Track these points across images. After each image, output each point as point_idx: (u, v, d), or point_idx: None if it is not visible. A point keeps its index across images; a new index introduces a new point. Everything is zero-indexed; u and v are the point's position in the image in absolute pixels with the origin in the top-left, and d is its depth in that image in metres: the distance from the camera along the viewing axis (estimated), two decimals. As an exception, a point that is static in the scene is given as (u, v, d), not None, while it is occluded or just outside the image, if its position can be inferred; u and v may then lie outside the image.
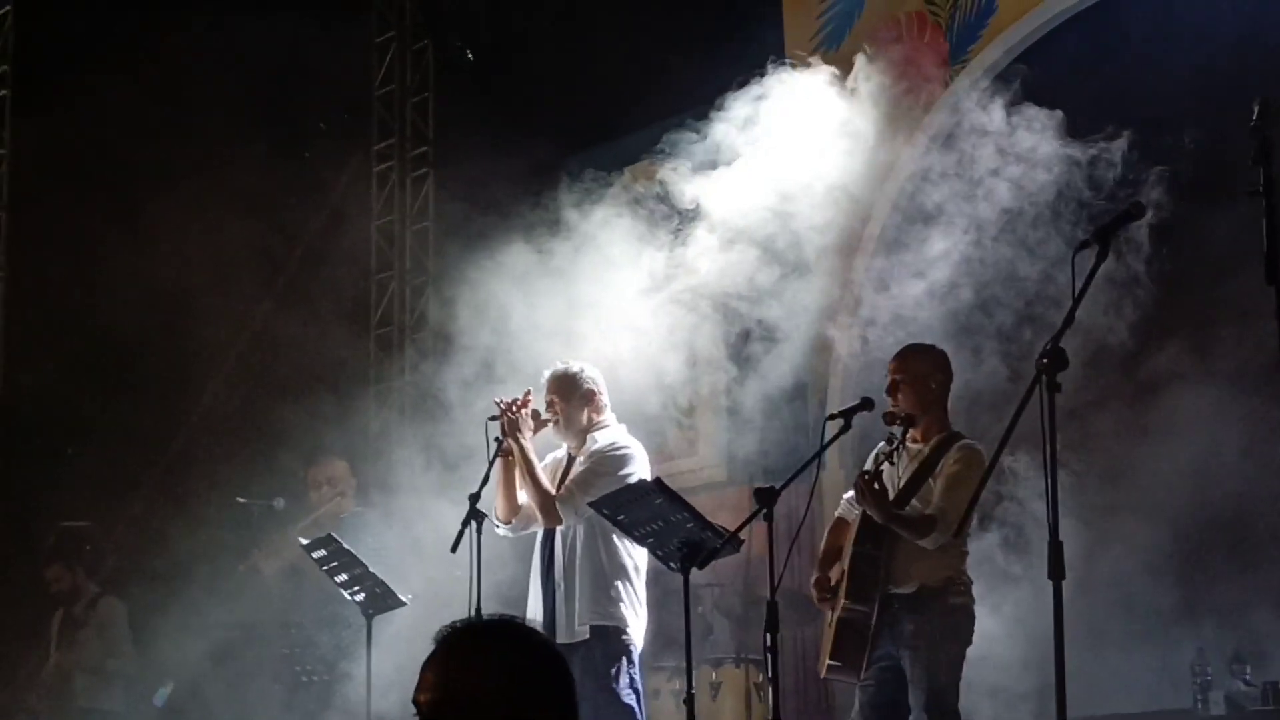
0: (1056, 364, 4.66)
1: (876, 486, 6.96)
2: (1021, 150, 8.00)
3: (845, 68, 10.71)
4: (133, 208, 11.97)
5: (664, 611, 8.09)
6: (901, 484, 7.11)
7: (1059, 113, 7.85)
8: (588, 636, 7.52)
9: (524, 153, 11.74)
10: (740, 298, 9.53)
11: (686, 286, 9.48)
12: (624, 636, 7.54)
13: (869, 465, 7.15)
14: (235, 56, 12.01)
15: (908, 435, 7.12)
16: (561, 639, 7.53)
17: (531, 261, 9.57)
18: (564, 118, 12.33)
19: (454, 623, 3.31)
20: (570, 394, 7.79)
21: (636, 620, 7.62)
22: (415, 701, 3.27)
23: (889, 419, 7.13)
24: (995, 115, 8.13)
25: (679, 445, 10.77)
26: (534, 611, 7.71)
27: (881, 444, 7.22)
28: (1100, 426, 8.83)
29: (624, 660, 7.51)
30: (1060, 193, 7.89)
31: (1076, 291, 4.79)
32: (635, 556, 7.61)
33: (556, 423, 7.80)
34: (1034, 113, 7.94)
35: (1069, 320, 4.78)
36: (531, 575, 7.82)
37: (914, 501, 7.06)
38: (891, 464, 7.07)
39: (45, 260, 12.88)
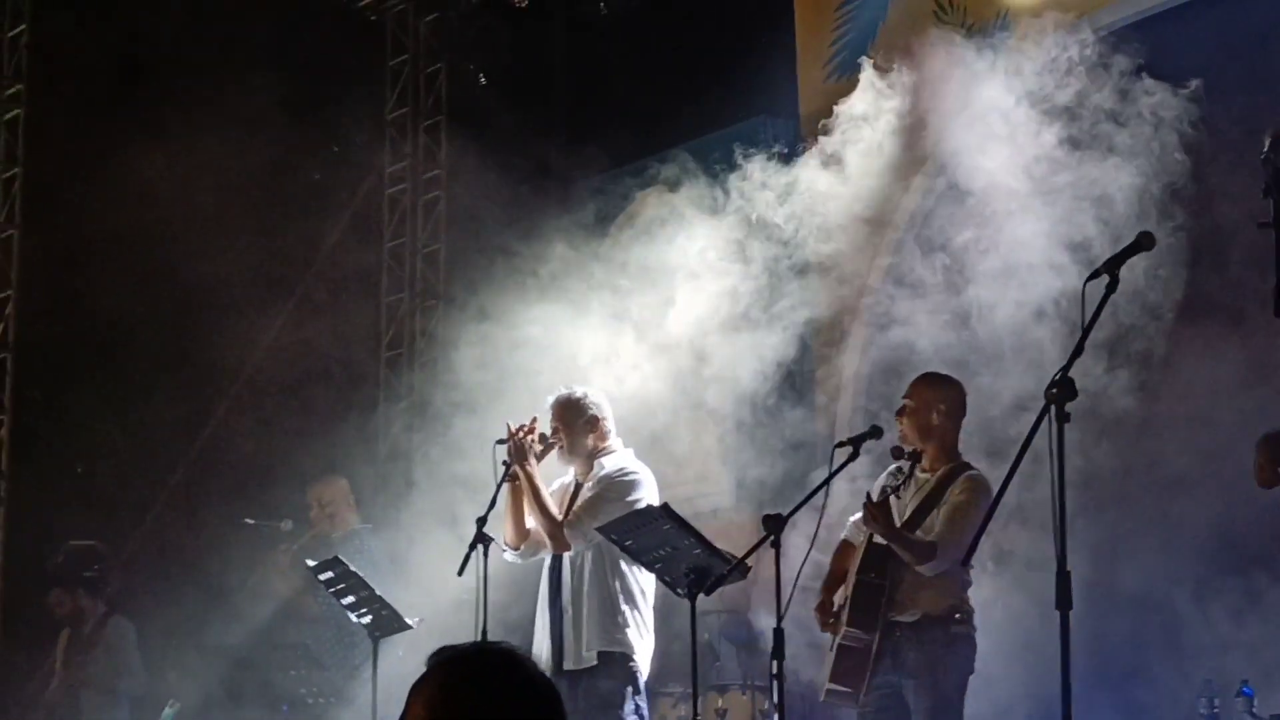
0: (1065, 394, 4.65)
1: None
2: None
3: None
4: (142, 226, 12.00)
5: (670, 638, 8.09)
6: (907, 514, 7.11)
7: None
8: (595, 663, 7.51)
9: (536, 177, 11.77)
10: (747, 324, 9.54)
11: (694, 311, 9.50)
12: (631, 663, 7.52)
13: (874, 492, 7.16)
14: (249, 78, 12.04)
15: (915, 469, 7.13)
16: (569, 665, 7.53)
17: (542, 285, 9.59)
18: (576, 142, 12.36)
19: (444, 648, 3.29)
20: (574, 420, 7.77)
21: (643, 646, 7.60)
22: None
23: (896, 453, 7.15)
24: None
25: (687, 471, 10.75)
26: (541, 638, 7.69)
27: (890, 468, 7.23)
28: (1110, 455, 8.81)
29: (630, 687, 7.48)
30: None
31: (1086, 322, 4.79)
32: (643, 582, 7.59)
33: (561, 448, 7.78)
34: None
35: (1078, 350, 4.77)
36: (539, 601, 7.80)
37: (918, 532, 7.07)
38: (898, 498, 7.07)
39: (56, 278, 12.91)
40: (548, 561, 7.78)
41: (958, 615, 7.04)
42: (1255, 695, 8.23)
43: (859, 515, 7.35)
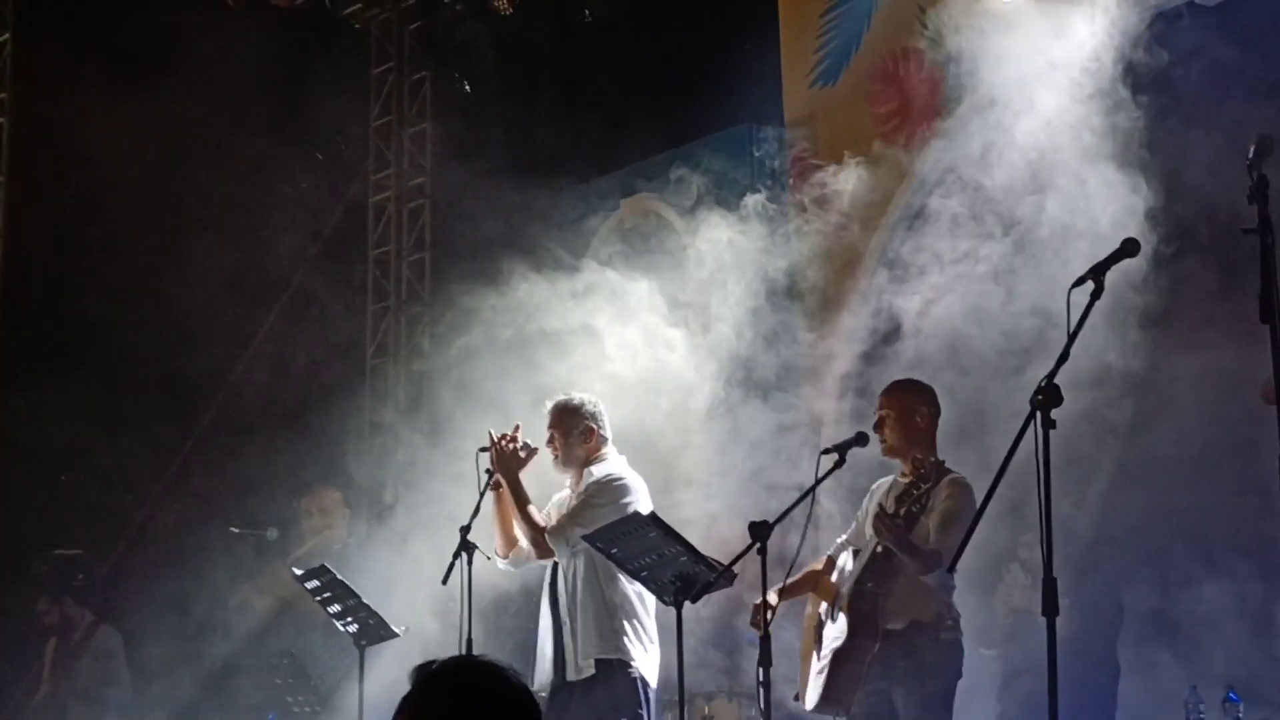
0: (1051, 400, 4.66)
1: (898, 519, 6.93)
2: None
3: (843, 102, 10.77)
4: (126, 234, 11.99)
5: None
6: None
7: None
8: (594, 672, 7.47)
9: (521, 184, 11.75)
10: (734, 327, 9.55)
11: (682, 317, 9.50)
12: (629, 670, 7.47)
13: (884, 503, 7.10)
14: (234, 86, 12.03)
15: (934, 487, 7.03)
16: (570, 676, 7.50)
17: (528, 293, 9.58)
18: (561, 150, 12.35)
19: (425, 663, 3.30)
20: (570, 428, 7.75)
21: (645, 655, 7.54)
22: None
23: (915, 469, 7.07)
24: None
25: (673, 478, 10.74)
26: (543, 650, 7.66)
27: (893, 480, 7.21)
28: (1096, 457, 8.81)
29: (628, 695, 7.43)
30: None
31: (1072, 328, 4.80)
32: (641, 590, 7.50)
33: (556, 457, 7.77)
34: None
35: (1064, 357, 4.78)
36: (541, 612, 7.78)
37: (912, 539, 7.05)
38: (913, 511, 6.96)
39: (40, 285, 12.89)
40: (547, 573, 7.76)
41: (947, 621, 7.04)
42: (1241, 702, 8.24)
43: (844, 537, 7.36)
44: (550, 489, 7.97)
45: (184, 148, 12.19)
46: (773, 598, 7.00)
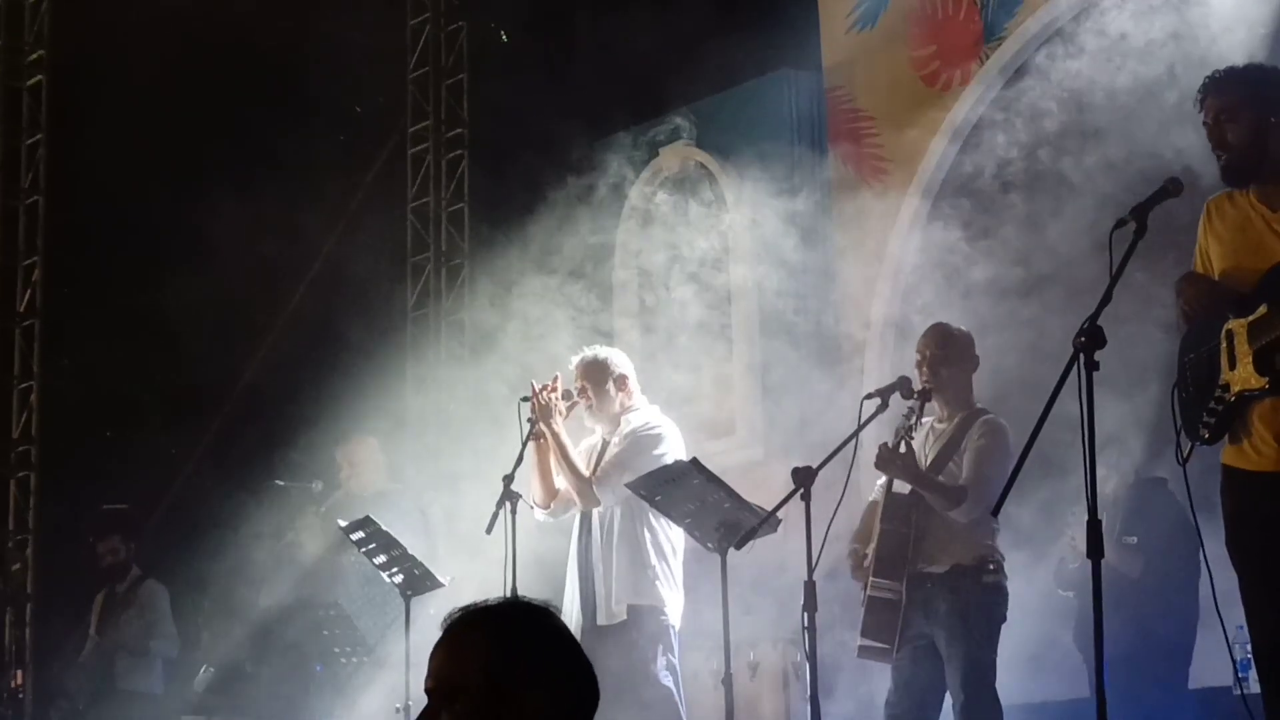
0: (1094, 342, 4.65)
1: (903, 450, 6.95)
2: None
3: (881, 47, 10.72)
4: (166, 191, 12.03)
5: (703, 591, 8.09)
6: (927, 462, 7.11)
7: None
8: (625, 617, 7.53)
9: (560, 134, 11.74)
10: (775, 272, 9.53)
11: (722, 263, 9.50)
12: (662, 617, 7.54)
13: (889, 440, 7.15)
14: (269, 39, 12.03)
15: (924, 409, 7.11)
16: (600, 620, 7.55)
17: (568, 241, 9.59)
18: (600, 98, 12.32)
19: (473, 604, 3.31)
20: (601, 380, 7.78)
21: (674, 600, 7.62)
22: (424, 689, 3.29)
23: (906, 393, 7.12)
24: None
25: (716, 424, 10.75)
26: (571, 594, 7.72)
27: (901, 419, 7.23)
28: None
29: (661, 641, 7.51)
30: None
31: (1114, 269, 4.78)
32: (673, 537, 7.60)
33: (589, 408, 7.80)
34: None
35: (1106, 298, 4.76)
36: (569, 558, 7.83)
37: (940, 479, 7.06)
38: (910, 439, 7.03)
39: (81, 243, 12.94)
40: (577, 518, 7.80)
41: (990, 565, 7.04)
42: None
43: (884, 479, 7.35)
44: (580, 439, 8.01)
45: (222, 100, 12.20)
46: (869, 549, 7.11)
